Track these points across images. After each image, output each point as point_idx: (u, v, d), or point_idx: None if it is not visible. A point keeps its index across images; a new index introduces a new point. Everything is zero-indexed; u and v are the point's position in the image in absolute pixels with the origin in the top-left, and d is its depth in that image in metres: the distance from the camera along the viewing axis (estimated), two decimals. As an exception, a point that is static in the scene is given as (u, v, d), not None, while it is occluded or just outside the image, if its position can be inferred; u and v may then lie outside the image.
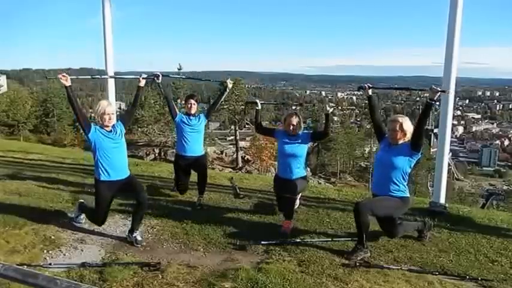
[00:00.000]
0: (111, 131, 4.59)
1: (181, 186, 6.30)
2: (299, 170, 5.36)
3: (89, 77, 6.65)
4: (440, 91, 4.28)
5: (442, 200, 5.87)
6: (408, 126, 4.34)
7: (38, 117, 33.53)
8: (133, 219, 4.72)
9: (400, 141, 4.38)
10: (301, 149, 5.35)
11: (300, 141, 5.33)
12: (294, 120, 5.28)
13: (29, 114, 32.12)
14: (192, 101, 6.11)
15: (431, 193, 7.24)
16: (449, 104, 5.70)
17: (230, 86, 6.40)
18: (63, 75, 4.41)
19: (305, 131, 5.47)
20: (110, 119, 4.52)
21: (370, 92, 4.89)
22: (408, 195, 4.50)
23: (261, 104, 5.99)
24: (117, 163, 4.61)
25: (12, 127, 31.31)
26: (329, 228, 5.18)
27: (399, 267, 4.07)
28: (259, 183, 7.40)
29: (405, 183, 4.45)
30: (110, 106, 4.58)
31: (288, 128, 5.30)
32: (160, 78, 5.84)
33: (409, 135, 4.34)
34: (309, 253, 4.35)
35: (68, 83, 4.42)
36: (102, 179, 4.57)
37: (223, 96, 6.58)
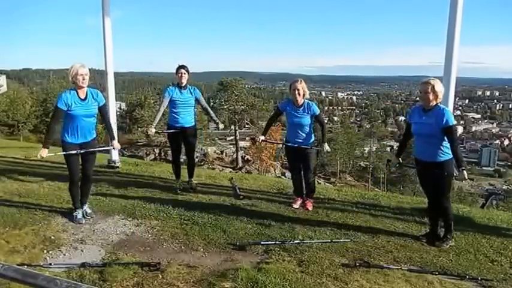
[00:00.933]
0: (85, 99, 4.85)
1: (177, 158, 6.76)
2: (308, 136, 5.72)
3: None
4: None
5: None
6: (440, 87, 4.42)
7: (38, 117, 33.48)
8: (82, 193, 5.23)
9: (433, 103, 4.43)
10: (308, 120, 5.65)
11: (305, 112, 5.61)
12: (299, 85, 5.54)
13: (28, 114, 32.05)
14: (183, 71, 6.27)
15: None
16: (449, 105, 5.69)
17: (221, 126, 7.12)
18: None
19: (309, 102, 5.67)
20: (83, 79, 4.74)
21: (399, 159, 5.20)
22: (450, 156, 4.46)
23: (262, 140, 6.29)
24: (84, 129, 4.95)
25: (12, 127, 31.29)
26: (329, 228, 5.17)
27: (399, 267, 4.07)
28: (259, 184, 7.40)
29: (447, 144, 4.45)
30: (83, 68, 4.77)
31: (294, 93, 5.55)
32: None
33: (440, 97, 4.42)
34: (308, 253, 4.35)
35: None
36: (68, 141, 4.96)
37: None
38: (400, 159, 5.22)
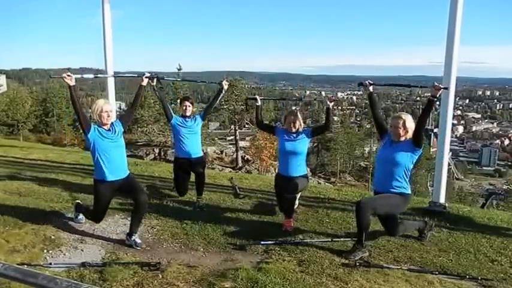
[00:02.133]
0: (109, 129, 4.56)
1: (181, 188, 6.27)
2: (300, 167, 5.38)
3: (92, 76, 6.57)
4: (443, 88, 4.40)
5: (442, 200, 5.87)
6: (410, 123, 4.41)
7: (38, 116, 33.49)
8: (132, 222, 4.66)
9: (402, 138, 4.43)
10: (302, 146, 5.36)
11: (300, 138, 5.35)
12: (294, 118, 5.32)
13: (28, 114, 32.04)
14: (187, 103, 6.11)
15: (431, 193, 7.24)
16: (449, 104, 5.70)
17: (226, 87, 6.32)
18: (68, 75, 4.33)
19: (305, 128, 5.50)
20: (108, 116, 4.48)
21: (371, 88, 4.93)
22: (409, 192, 4.54)
23: (260, 100, 5.97)
24: (116, 163, 4.57)
25: (12, 127, 31.30)
26: (329, 228, 5.18)
27: (399, 267, 4.07)
28: (259, 183, 7.40)
29: (407, 180, 4.49)
30: (108, 104, 4.56)
31: (289, 126, 5.33)
32: (155, 81, 5.69)
33: (410, 133, 4.40)
34: (308, 253, 4.35)
35: (72, 83, 4.37)
36: (100, 178, 4.55)
37: (220, 97, 6.50)
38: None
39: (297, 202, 5.68)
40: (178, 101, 6.04)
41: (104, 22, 7.47)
